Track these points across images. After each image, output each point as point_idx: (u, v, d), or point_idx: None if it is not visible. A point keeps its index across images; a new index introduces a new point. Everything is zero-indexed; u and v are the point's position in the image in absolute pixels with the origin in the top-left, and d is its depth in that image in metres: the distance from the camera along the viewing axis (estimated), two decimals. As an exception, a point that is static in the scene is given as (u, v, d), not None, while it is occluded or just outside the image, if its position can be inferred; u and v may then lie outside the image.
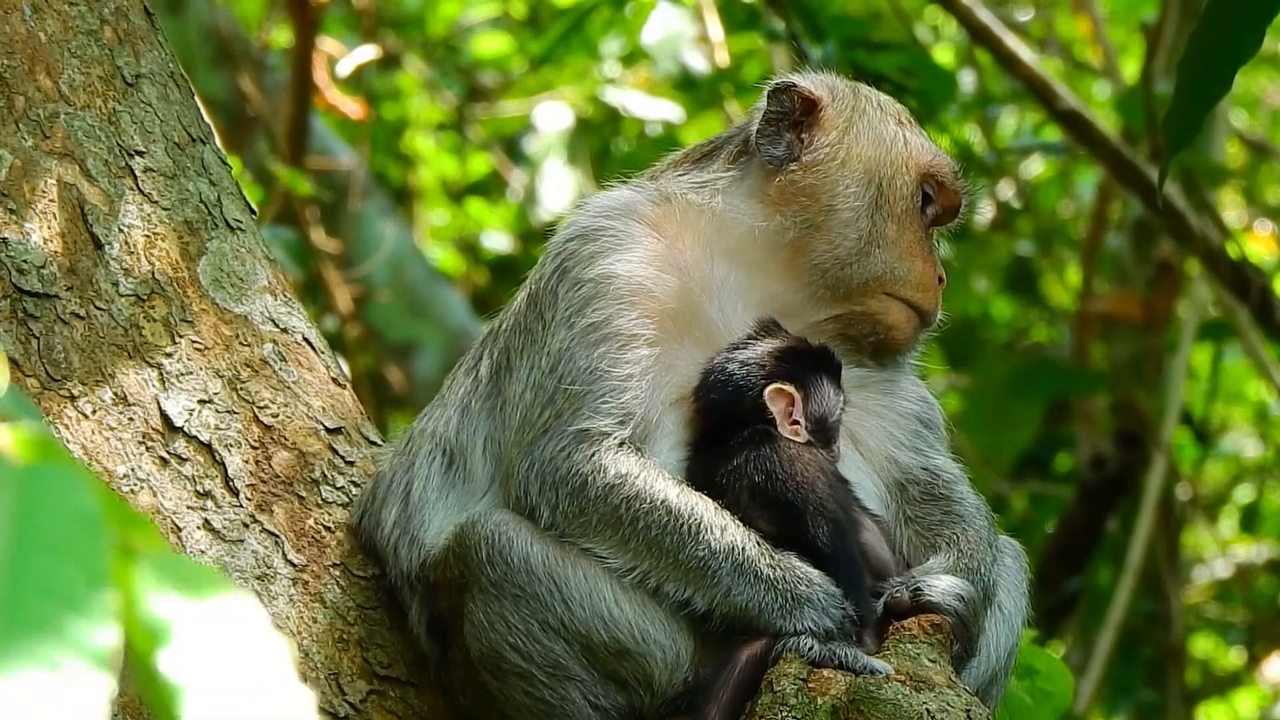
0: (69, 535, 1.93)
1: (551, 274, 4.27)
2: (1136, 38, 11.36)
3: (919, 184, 4.40)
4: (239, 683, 1.95)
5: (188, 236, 4.48)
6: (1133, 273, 10.18)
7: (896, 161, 4.38)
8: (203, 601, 1.98)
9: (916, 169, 4.39)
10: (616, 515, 4.05)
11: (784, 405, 4.19)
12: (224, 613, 1.99)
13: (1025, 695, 4.67)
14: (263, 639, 1.98)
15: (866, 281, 4.33)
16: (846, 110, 4.41)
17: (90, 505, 1.96)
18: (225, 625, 1.98)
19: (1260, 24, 4.08)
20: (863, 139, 4.39)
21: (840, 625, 3.97)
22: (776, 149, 4.35)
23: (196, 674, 1.94)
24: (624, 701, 4.09)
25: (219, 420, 4.37)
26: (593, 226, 4.30)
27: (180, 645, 1.95)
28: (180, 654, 1.94)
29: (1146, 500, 9.26)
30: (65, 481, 1.97)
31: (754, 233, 4.32)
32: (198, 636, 1.96)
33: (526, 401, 4.18)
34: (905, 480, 4.32)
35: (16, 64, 4.41)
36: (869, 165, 4.36)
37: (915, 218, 4.38)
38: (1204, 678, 12.37)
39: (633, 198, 4.37)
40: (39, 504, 1.95)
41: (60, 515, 1.95)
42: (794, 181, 4.33)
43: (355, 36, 11.08)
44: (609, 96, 11.21)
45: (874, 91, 4.55)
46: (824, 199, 4.32)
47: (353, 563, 4.41)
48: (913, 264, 4.36)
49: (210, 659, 1.95)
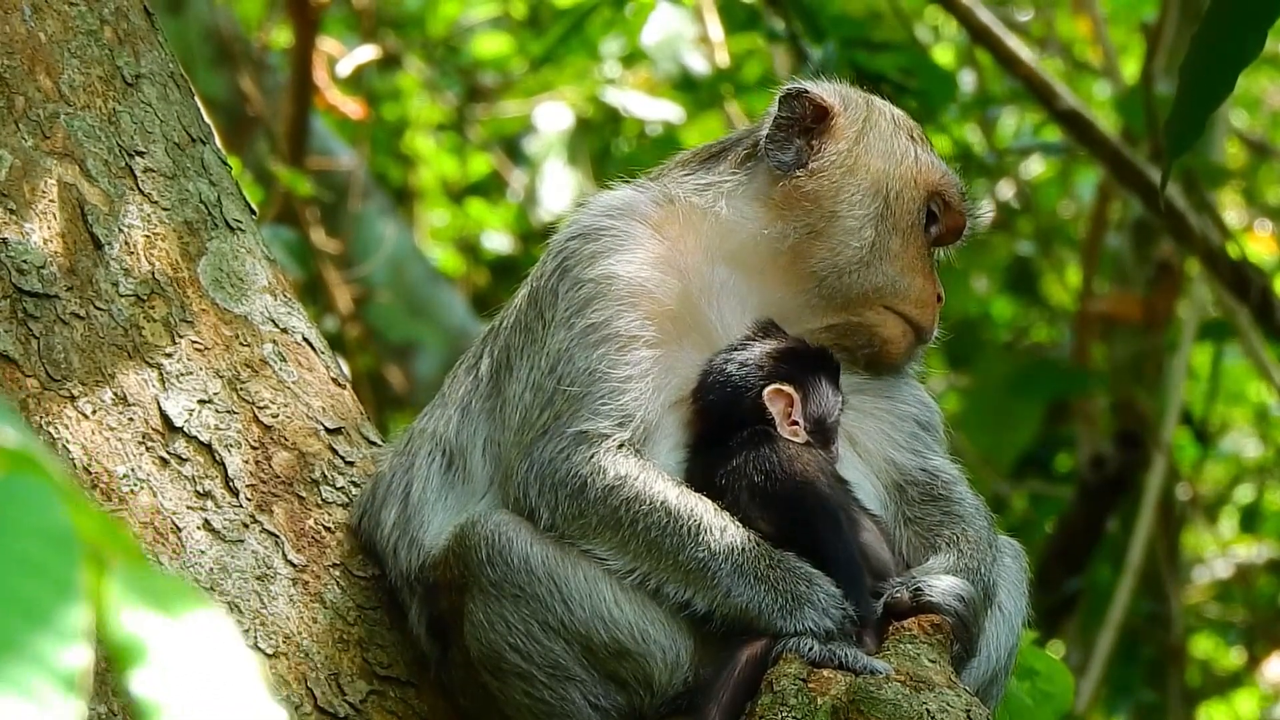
0: (41, 551, 1.89)
1: (552, 272, 4.26)
2: (1136, 38, 11.36)
3: (926, 201, 4.39)
4: (214, 700, 1.93)
5: (188, 236, 4.48)
6: (1133, 273, 10.18)
7: (906, 176, 4.37)
8: (175, 618, 1.96)
9: (925, 186, 4.39)
10: (616, 517, 4.05)
11: (783, 406, 4.19)
12: (197, 629, 1.96)
13: (1025, 696, 4.67)
14: (235, 655, 1.96)
15: (866, 293, 4.32)
16: (859, 120, 4.40)
17: (63, 519, 1.92)
18: (198, 641, 1.95)
19: (1262, 26, 4.08)
20: (873, 150, 4.38)
21: (840, 625, 3.97)
22: (785, 154, 4.35)
23: (171, 692, 1.91)
24: (624, 702, 4.09)
25: (219, 420, 4.38)
26: (595, 226, 4.30)
27: (154, 663, 1.92)
28: (155, 672, 1.92)
29: (1146, 500, 9.26)
30: (37, 494, 1.93)
31: (756, 238, 4.31)
32: (171, 654, 1.93)
33: (526, 402, 4.18)
34: (904, 481, 4.32)
35: (16, 64, 4.41)
36: (877, 177, 4.35)
37: (919, 234, 4.38)
38: (1204, 678, 12.37)
39: (636, 198, 4.37)
40: (10, 518, 1.91)
41: (32, 530, 1.91)
42: (799, 187, 4.33)
43: (355, 37, 11.08)
44: (609, 97, 11.21)
45: (888, 105, 4.54)
46: (828, 206, 4.31)
47: (353, 563, 4.41)
48: (913, 280, 4.35)
49: (184, 676, 1.92)
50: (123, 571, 1.96)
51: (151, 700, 1.90)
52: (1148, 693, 10.21)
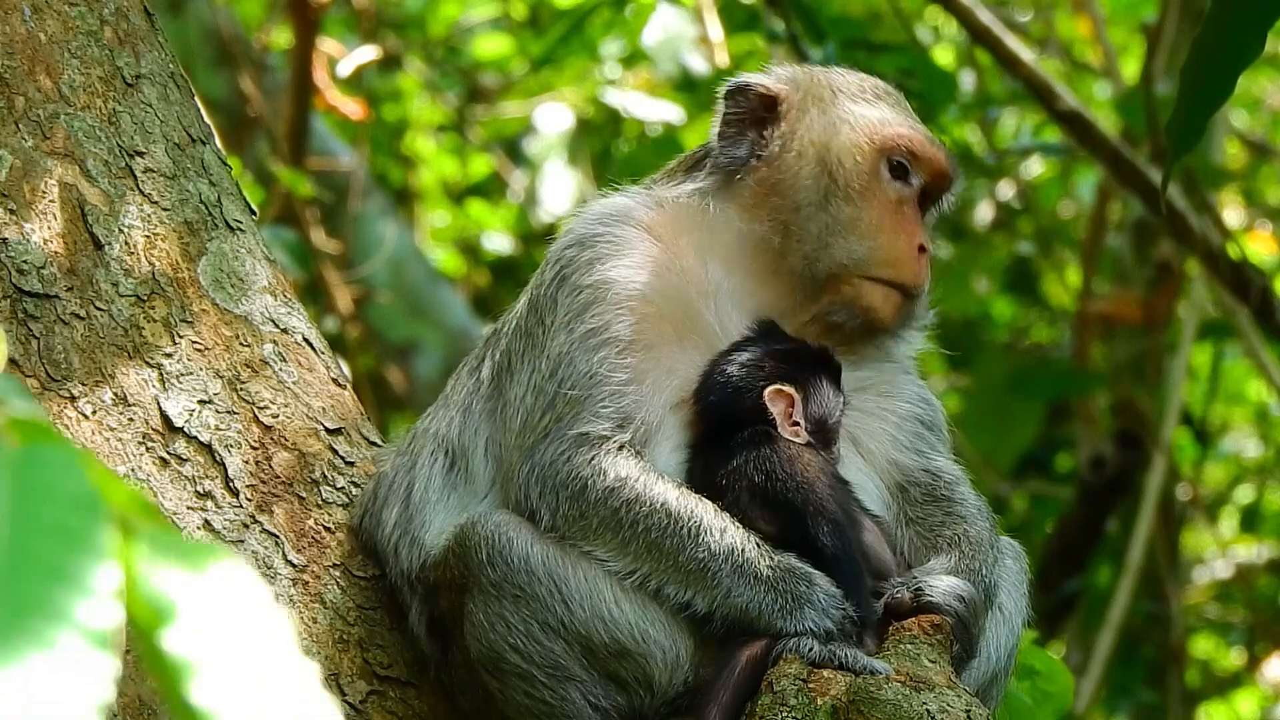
0: (67, 516, 1.92)
1: (551, 280, 4.27)
2: (1136, 38, 11.36)
3: (878, 159, 4.30)
4: (244, 657, 1.94)
5: (188, 237, 4.48)
6: (1133, 273, 10.18)
7: (846, 141, 4.30)
8: (203, 575, 1.97)
9: (874, 144, 4.31)
10: (616, 518, 4.05)
11: (784, 406, 4.19)
12: (225, 586, 1.98)
13: (1025, 696, 4.67)
14: (264, 611, 1.97)
15: (835, 272, 4.26)
16: (803, 99, 4.35)
17: (87, 485, 1.95)
18: (227, 598, 1.97)
19: (1263, 28, 4.08)
20: (814, 126, 4.32)
21: (841, 626, 3.97)
22: (739, 150, 4.33)
23: (201, 650, 1.92)
24: (624, 702, 4.09)
25: (219, 421, 4.38)
26: (590, 233, 4.31)
27: (184, 621, 1.94)
28: (184, 630, 1.93)
29: (1146, 500, 9.26)
30: (62, 462, 1.96)
31: (741, 239, 4.31)
32: (200, 611, 1.95)
33: (527, 405, 4.19)
34: (906, 482, 4.32)
35: (17, 64, 4.41)
36: (819, 150, 4.30)
37: (878, 194, 4.29)
38: (1204, 678, 12.36)
39: (629, 204, 4.37)
40: (36, 485, 1.93)
41: (58, 496, 1.93)
42: (762, 181, 4.31)
43: (356, 37, 11.08)
44: (610, 98, 11.21)
45: (839, 73, 4.47)
46: (789, 195, 4.28)
47: (353, 563, 4.41)
48: (879, 241, 4.28)
49: (214, 634, 1.94)
50: (148, 532, 1.97)
51: (183, 658, 1.91)
52: (1148, 693, 10.21)
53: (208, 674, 1.91)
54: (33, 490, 1.93)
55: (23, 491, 1.93)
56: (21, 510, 1.92)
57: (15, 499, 1.92)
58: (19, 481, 1.93)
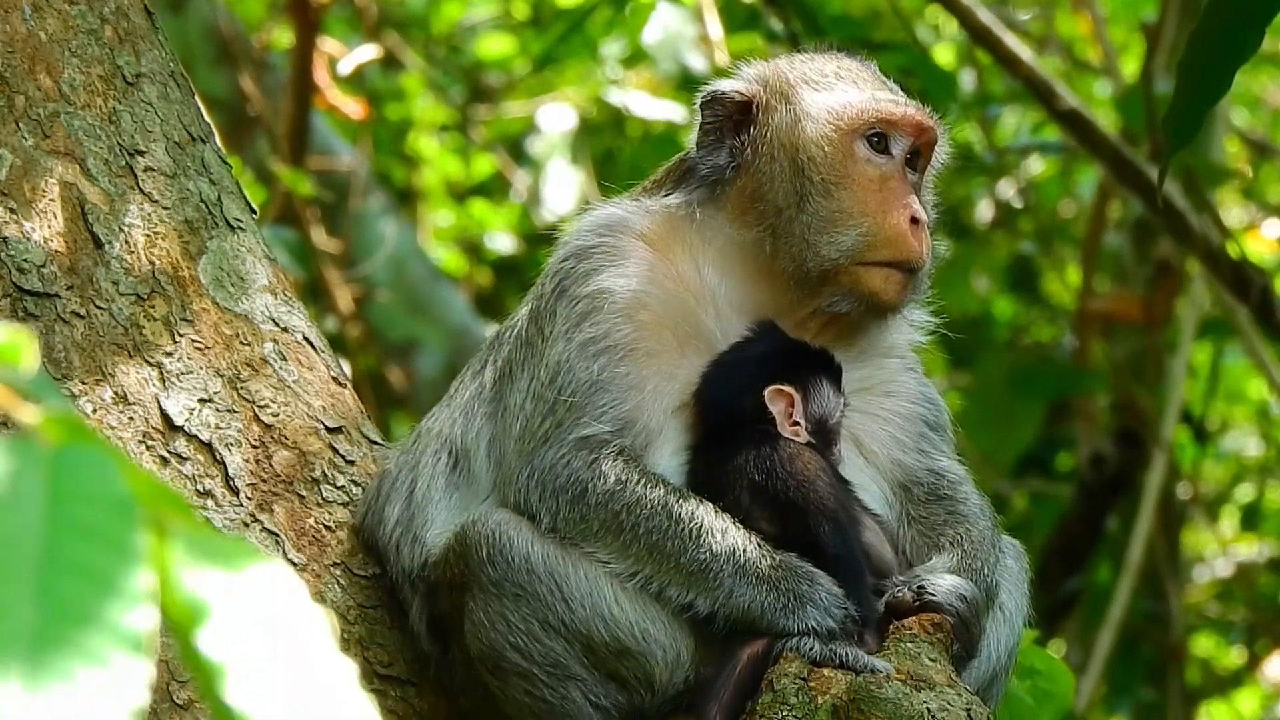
0: (102, 517, 1.91)
1: (551, 293, 4.28)
2: (1136, 37, 11.35)
3: (848, 141, 4.26)
4: (281, 656, 1.93)
5: (188, 236, 4.48)
6: (1133, 272, 10.18)
7: (812, 134, 4.26)
8: (239, 575, 1.96)
9: (836, 130, 4.27)
10: (617, 521, 4.05)
11: (784, 406, 4.19)
12: (261, 585, 1.96)
13: (1026, 695, 4.68)
14: (302, 609, 1.97)
15: (827, 268, 4.25)
16: (768, 99, 4.32)
17: (122, 486, 1.93)
18: (263, 598, 1.96)
19: (1260, 24, 4.08)
20: (782, 125, 4.29)
21: (842, 625, 3.97)
22: (718, 159, 4.32)
23: (237, 650, 1.91)
24: (625, 701, 4.10)
25: (219, 419, 4.38)
26: (586, 245, 4.31)
27: (219, 622, 1.92)
28: (220, 631, 1.92)
29: (1147, 499, 9.26)
30: (97, 462, 1.95)
31: (732, 243, 4.31)
32: (236, 611, 1.94)
33: (527, 412, 4.20)
34: (909, 482, 4.32)
35: (17, 63, 4.42)
36: (789, 152, 4.27)
37: (858, 177, 4.25)
38: (1205, 677, 12.36)
39: (624, 213, 4.38)
40: (71, 486, 1.92)
41: (93, 497, 1.92)
42: (743, 189, 4.31)
43: (357, 36, 11.08)
44: (612, 97, 11.21)
45: (801, 59, 4.43)
46: (770, 200, 4.27)
47: (353, 562, 4.41)
48: (863, 227, 4.24)
49: (250, 634, 1.93)
50: (182, 533, 1.97)
51: (219, 659, 1.91)
52: (1148, 692, 10.21)
53: (245, 674, 1.91)
54: (68, 492, 1.92)
55: (58, 493, 1.91)
56: (57, 513, 1.91)
57: (51, 501, 1.91)
58: (55, 482, 1.92)
